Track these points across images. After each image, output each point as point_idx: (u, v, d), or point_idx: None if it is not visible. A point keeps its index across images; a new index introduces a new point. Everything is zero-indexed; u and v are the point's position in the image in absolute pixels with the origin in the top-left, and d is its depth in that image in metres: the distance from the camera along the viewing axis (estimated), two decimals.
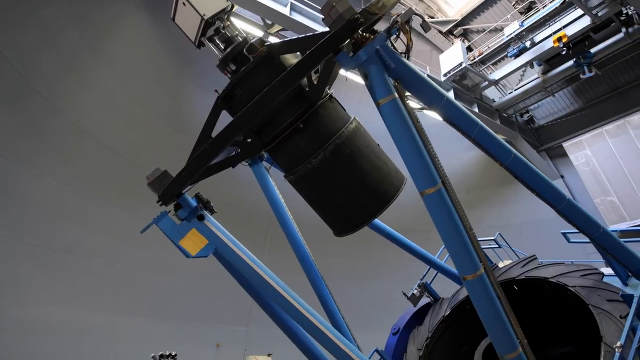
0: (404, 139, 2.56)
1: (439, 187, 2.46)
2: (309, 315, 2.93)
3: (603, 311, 3.56)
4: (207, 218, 3.13)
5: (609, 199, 19.14)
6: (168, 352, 13.35)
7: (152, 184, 3.11)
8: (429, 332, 5.03)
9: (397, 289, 6.19)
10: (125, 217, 17.85)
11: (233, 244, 3.06)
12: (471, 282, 2.45)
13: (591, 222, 3.50)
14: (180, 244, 3.07)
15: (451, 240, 2.47)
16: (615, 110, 18.77)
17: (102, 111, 15.90)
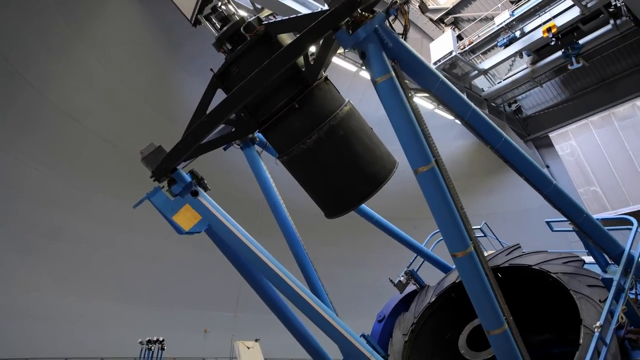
0: (399, 117, 2.60)
1: (432, 166, 2.51)
2: (301, 292, 2.96)
3: (583, 296, 3.69)
4: (201, 194, 3.12)
5: (592, 189, 19.53)
6: (155, 338, 13.40)
7: (146, 159, 3.08)
8: (415, 318, 5.11)
9: (384, 275, 6.27)
10: (111, 203, 17.67)
11: (227, 221, 3.06)
12: (461, 260, 2.52)
13: (575, 207, 3.61)
14: (173, 219, 3.05)
15: (443, 218, 2.53)
16: (601, 101, 19.03)
17: (87, 94, 15.58)
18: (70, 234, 16.81)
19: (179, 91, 17.47)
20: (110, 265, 18.22)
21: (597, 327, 2.99)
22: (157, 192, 3.09)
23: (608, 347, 2.97)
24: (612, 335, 3.01)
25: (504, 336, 2.51)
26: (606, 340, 2.99)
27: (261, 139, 4.49)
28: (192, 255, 20.69)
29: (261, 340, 20.22)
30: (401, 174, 3.99)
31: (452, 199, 2.53)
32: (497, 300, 2.54)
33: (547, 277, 4.30)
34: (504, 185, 20.88)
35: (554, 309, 4.06)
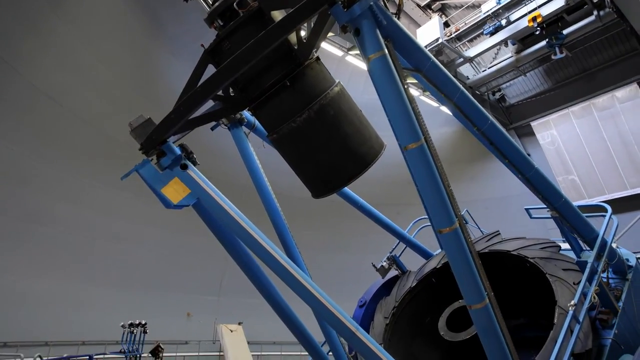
0: (391, 94, 2.62)
1: (422, 143, 2.56)
2: (290, 268, 2.96)
3: (558, 279, 3.83)
4: (190, 168, 3.08)
5: (570, 178, 20.01)
6: (138, 321, 13.36)
7: (135, 130, 3.02)
8: (396, 302, 5.20)
9: (367, 260, 6.34)
10: (90, 185, 17.35)
11: (216, 195, 3.04)
12: (446, 235, 2.59)
13: (555, 191, 3.74)
14: (162, 191, 3.01)
15: (430, 195, 2.60)
16: (582, 92, 19.36)
17: (64, 73, 15.09)
18: (47, 217, 16.48)
19: (162, 72, 17.08)
20: (90, 248, 17.97)
21: (572, 306, 3.13)
22: (145, 165, 3.03)
23: (580, 326, 3.10)
24: (584, 314, 3.16)
25: (485, 310, 2.61)
26: (579, 319, 3.11)
27: (249, 120, 4.46)
28: (175, 239, 20.56)
29: (244, 323, 20.39)
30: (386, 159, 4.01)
31: (439, 176, 2.58)
32: (479, 275, 2.62)
33: (524, 262, 4.43)
34: (485, 173, 21.23)
35: (530, 294, 4.18)
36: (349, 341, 2.91)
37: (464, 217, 6.69)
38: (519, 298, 3.01)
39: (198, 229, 17.47)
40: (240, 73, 2.83)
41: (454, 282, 4.93)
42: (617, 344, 3.42)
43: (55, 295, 16.67)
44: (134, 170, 3.06)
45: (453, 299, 4.59)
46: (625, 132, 18.48)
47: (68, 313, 16.77)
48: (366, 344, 2.87)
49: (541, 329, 3.29)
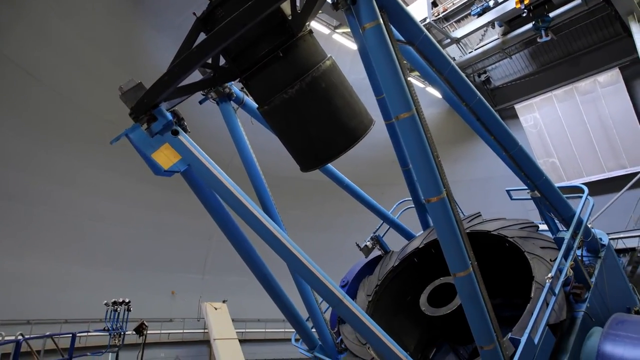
0: (385, 63, 2.64)
1: (413, 113, 2.60)
2: (281, 236, 2.99)
3: (536, 256, 3.99)
4: (181, 134, 3.03)
5: (550, 160, 20.42)
6: (121, 300, 13.33)
7: (126, 95, 2.94)
8: (379, 281, 5.29)
9: (350, 240, 6.42)
10: (74, 164, 17.00)
11: (207, 161, 3.02)
12: (434, 205, 2.66)
13: (536, 169, 3.86)
14: (152, 156, 2.97)
15: (419, 164, 2.66)
16: (565, 75, 19.57)
17: (44, 49, 14.54)
18: (28, 195, 16.15)
19: (144, 47, 16.60)
20: (73, 227, 17.75)
21: (548, 278, 3.29)
22: (136, 129, 2.97)
23: (556, 298, 3.25)
24: (560, 288, 3.30)
25: (468, 278, 2.71)
26: (555, 291, 3.26)
27: (238, 96, 4.41)
28: (159, 218, 20.43)
29: (229, 301, 20.58)
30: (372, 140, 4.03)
31: (429, 147, 2.64)
32: (464, 244, 2.71)
33: (504, 242, 4.55)
34: (469, 155, 21.50)
35: (507, 274, 4.31)
36: (336, 308, 2.98)
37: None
38: (496, 278, 3.12)
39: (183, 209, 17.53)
40: (237, 36, 2.77)
41: (435, 262, 5.07)
42: (589, 317, 3.62)
43: (37, 274, 16.50)
44: (124, 134, 2.99)
45: (434, 278, 4.71)
46: (605, 116, 18.84)
47: (50, 292, 16.65)
48: (353, 312, 2.95)
49: (516, 309, 3.42)
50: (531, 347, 2.92)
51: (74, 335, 11.38)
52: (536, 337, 2.99)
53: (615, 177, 18.84)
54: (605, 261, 4.17)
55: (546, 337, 3.07)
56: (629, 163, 18.64)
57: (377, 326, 2.95)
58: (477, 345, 2.79)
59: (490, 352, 2.73)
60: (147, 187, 19.62)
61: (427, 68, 3.95)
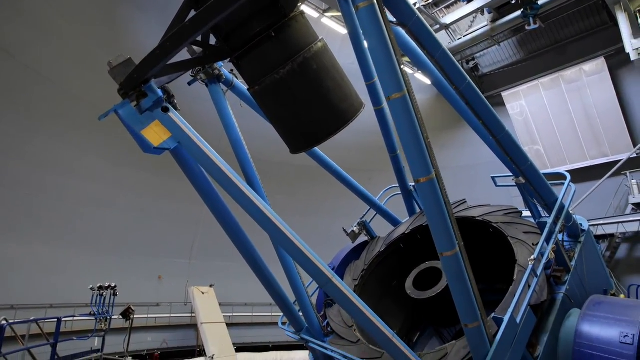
0: (378, 43, 2.64)
1: (404, 94, 2.61)
2: (270, 215, 2.99)
3: (519, 240, 4.10)
4: (171, 111, 2.98)
5: (535, 148, 20.71)
6: (107, 284, 13.24)
7: (115, 70, 2.86)
8: (365, 265, 5.35)
9: (338, 225, 6.46)
10: (57, 147, 16.66)
11: (197, 139, 2.99)
12: (424, 185, 2.69)
13: (522, 154, 3.94)
14: (141, 133, 2.92)
15: (410, 144, 2.69)
16: (552, 63, 19.73)
17: (23, 27, 14.07)
18: (11, 179, 15.81)
19: (128, 27, 16.18)
20: (57, 211, 17.48)
21: (531, 260, 3.40)
22: (125, 105, 2.89)
23: (538, 280, 3.35)
24: (541, 270, 3.40)
25: (455, 257, 2.77)
26: (537, 273, 3.36)
27: (227, 78, 4.36)
28: (146, 203, 20.24)
29: (216, 285, 20.64)
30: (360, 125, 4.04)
31: (419, 128, 2.66)
32: (451, 224, 2.76)
33: (488, 227, 4.64)
34: (456, 142, 21.66)
35: (490, 259, 4.40)
36: (325, 288, 3.01)
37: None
38: (480, 264, 3.20)
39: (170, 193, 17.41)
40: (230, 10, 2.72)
41: (420, 248, 5.15)
42: (568, 299, 3.77)
43: (21, 259, 16.28)
44: (112, 110, 2.91)
45: (419, 264, 4.78)
46: (589, 105, 19.11)
47: (35, 276, 16.47)
48: (342, 291, 2.98)
49: (499, 293, 3.52)
50: (513, 326, 3.02)
51: (60, 319, 11.31)
52: (518, 317, 3.09)
53: (597, 165, 19.23)
54: (584, 246, 4.30)
55: (528, 316, 3.18)
56: (611, 151, 19.02)
57: (365, 305, 3.00)
58: (462, 324, 2.85)
59: (475, 329, 2.81)
60: (134, 171, 19.38)
61: (418, 52, 3.95)
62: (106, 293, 12.79)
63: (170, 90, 3.11)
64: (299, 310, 4.22)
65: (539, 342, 3.42)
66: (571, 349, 3.43)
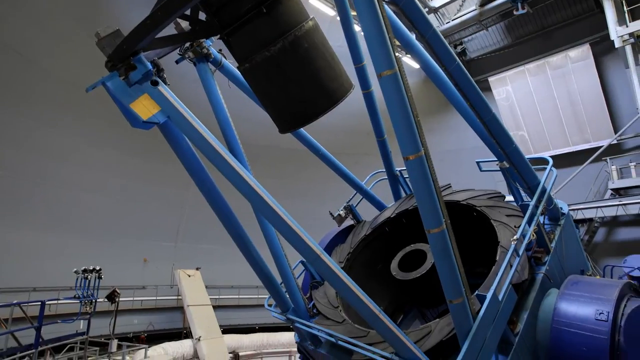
0: (371, 21, 2.63)
1: (395, 71, 2.61)
2: (262, 193, 2.99)
3: (502, 223, 4.21)
4: (161, 85, 2.91)
5: (520, 133, 20.97)
6: (92, 267, 13.17)
7: (103, 41, 2.78)
8: (351, 248, 5.40)
9: (325, 208, 6.50)
10: (39, 129, 16.26)
11: (187, 114, 2.95)
12: (412, 162, 2.71)
13: (507, 137, 4.01)
14: (130, 106, 2.86)
15: (400, 122, 2.69)
16: (538, 49, 19.86)
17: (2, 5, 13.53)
18: None
19: (109, 4, 15.70)
20: (41, 194, 17.18)
21: (514, 240, 3.50)
22: (113, 77, 2.81)
23: (519, 260, 3.46)
24: (523, 250, 3.51)
25: (442, 234, 2.82)
26: (519, 252, 3.48)
27: (216, 57, 4.29)
28: (131, 186, 20.00)
29: (202, 269, 20.69)
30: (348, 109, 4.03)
31: (409, 106, 2.68)
32: (439, 201, 2.81)
33: (472, 211, 4.72)
34: (442, 126, 21.81)
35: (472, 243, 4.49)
36: (313, 264, 3.05)
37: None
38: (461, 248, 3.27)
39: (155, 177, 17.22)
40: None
41: (405, 232, 5.22)
42: (548, 278, 3.90)
43: (3, 242, 16.02)
44: (100, 82, 2.82)
45: (404, 247, 4.85)
46: (574, 91, 19.36)
47: (18, 260, 16.26)
48: (330, 267, 3.01)
49: (480, 277, 3.61)
50: (495, 303, 3.12)
51: (43, 303, 11.24)
52: (500, 295, 3.19)
53: (579, 150, 19.60)
54: (564, 229, 4.43)
55: (509, 294, 3.28)
56: (593, 138, 19.39)
57: (352, 282, 3.05)
58: (447, 300, 2.93)
59: (459, 305, 2.89)
60: (118, 154, 19.09)
61: (406, 34, 3.95)
62: (91, 276, 12.73)
63: (160, 64, 3.04)
64: (285, 292, 4.26)
65: (519, 319, 3.54)
66: (549, 326, 3.56)
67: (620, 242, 18.26)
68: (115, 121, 3.01)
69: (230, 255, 4.06)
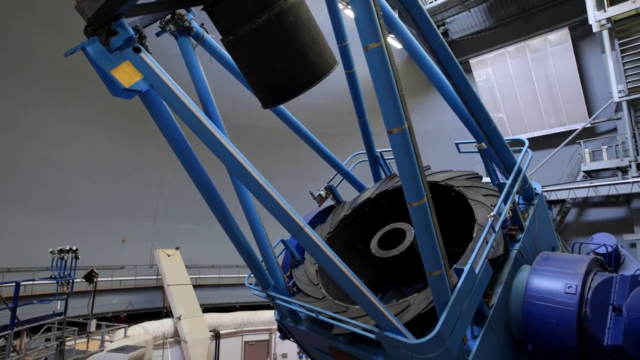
0: None
1: (382, 44, 2.62)
2: (245, 163, 2.97)
3: (479, 202, 4.34)
4: (143, 52, 2.82)
5: (498, 116, 21.29)
6: (68, 247, 12.94)
7: (82, 4, 2.65)
8: (331, 228, 5.46)
9: (306, 188, 6.51)
10: (13, 106, 15.63)
11: (171, 82, 2.88)
12: (396, 135, 2.74)
13: (487, 116, 4.09)
14: (111, 73, 2.77)
15: (385, 95, 2.70)
16: (519, 32, 20.01)
17: None
18: None
19: None
20: (15, 173, 16.65)
21: (491, 217, 3.62)
22: (94, 42, 2.71)
23: (495, 236, 3.60)
24: (498, 227, 3.64)
25: (423, 207, 2.87)
26: (495, 229, 3.61)
27: (197, 31, 4.18)
28: (108, 165, 19.56)
29: (182, 248, 20.58)
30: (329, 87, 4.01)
31: (394, 80, 2.70)
32: (421, 174, 2.86)
33: (450, 192, 4.81)
34: (422, 108, 21.93)
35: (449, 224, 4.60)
36: (296, 237, 3.07)
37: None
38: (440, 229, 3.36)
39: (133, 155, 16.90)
40: None
41: (385, 212, 5.29)
42: (521, 255, 4.06)
43: None
44: (80, 47, 2.71)
45: (384, 227, 4.93)
46: (551, 75, 19.68)
47: None
48: (313, 240, 3.04)
49: (454, 257, 3.74)
50: (472, 276, 3.23)
51: (18, 283, 11.04)
52: (477, 268, 3.30)
53: (555, 133, 20.07)
54: (537, 208, 4.59)
55: (485, 269, 3.40)
56: (568, 121, 19.85)
57: (335, 254, 3.09)
58: (426, 273, 3.01)
59: (438, 277, 2.97)
60: (96, 132, 18.57)
61: (389, 13, 3.93)
62: (67, 256, 12.53)
63: (142, 31, 2.94)
64: (265, 270, 4.30)
65: (494, 293, 3.69)
66: (522, 299, 3.73)
67: (590, 222, 18.99)
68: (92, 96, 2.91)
69: (210, 235, 4.06)
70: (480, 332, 3.40)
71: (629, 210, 17.98)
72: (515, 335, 3.83)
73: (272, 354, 19.79)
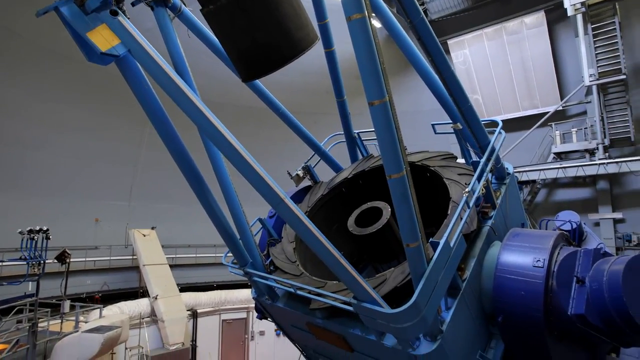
0: None
1: (364, 16, 2.61)
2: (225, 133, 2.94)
3: (453, 181, 4.45)
4: (121, 15, 2.72)
5: (474, 97, 21.57)
6: (39, 227, 12.59)
7: None
8: (308, 207, 5.50)
9: (283, 168, 6.50)
10: None
11: (149, 47, 2.78)
12: (377, 107, 2.76)
13: (464, 94, 4.16)
14: (87, 35, 2.66)
15: (366, 67, 2.69)
16: (497, 14, 20.13)
17: None
18: None
19: None
20: None
21: (465, 193, 3.74)
22: (68, 3, 2.59)
23: (469, 212, 3.75)
24: (472, 203, 3.80)
25: (402, 180, 2.93)
26: (469, 205, 3.75)
27: (175, 3, 4.04)
28: (80, 143, 18.93)
29: (157, 228, 20.33)
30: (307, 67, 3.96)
31: (376, 52, 2.70)
32: (400, 148, 2.90)
33: (426, 172, 4.91)
34: (400, 88, 21.98)
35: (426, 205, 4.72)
36: (276, 209, 3.09)
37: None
38: None
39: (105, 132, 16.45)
40: None
41: (361, 193, 5.34)
42: (493, 231, 4.23)
43: None
44: (53, 7, 2.58)
45: (359, 205, 5.00)
46: (527, 58, 19.98)
47: None
48: (293, 212, 3.06)
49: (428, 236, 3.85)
50: (447, 250, 3.33)
51: None
52: (451, 242, 3.41)
53: (528, 115, 20.53)
54: (508, 187, 4.74)
55: (459, 243, 3.51)
56: (541, 103, 20.31)
57: (314, 226, 3.13)
58: (404, 244, 3.08)
59: (415, 249, 3.06)
60: (66, 108, 17.86)
61: None
62: (38, 237, 12.20)
63: None
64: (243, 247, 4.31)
65: (467, 266, 3.84)
66: (493, 273, 3.90)
67: (558, 202, 19.72)
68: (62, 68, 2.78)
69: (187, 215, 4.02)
70: (454, 304, 3.55)
71: (594, 190, 18.74)
72: (486, 307, 4.00)
73: (250, 332, 20.02)
